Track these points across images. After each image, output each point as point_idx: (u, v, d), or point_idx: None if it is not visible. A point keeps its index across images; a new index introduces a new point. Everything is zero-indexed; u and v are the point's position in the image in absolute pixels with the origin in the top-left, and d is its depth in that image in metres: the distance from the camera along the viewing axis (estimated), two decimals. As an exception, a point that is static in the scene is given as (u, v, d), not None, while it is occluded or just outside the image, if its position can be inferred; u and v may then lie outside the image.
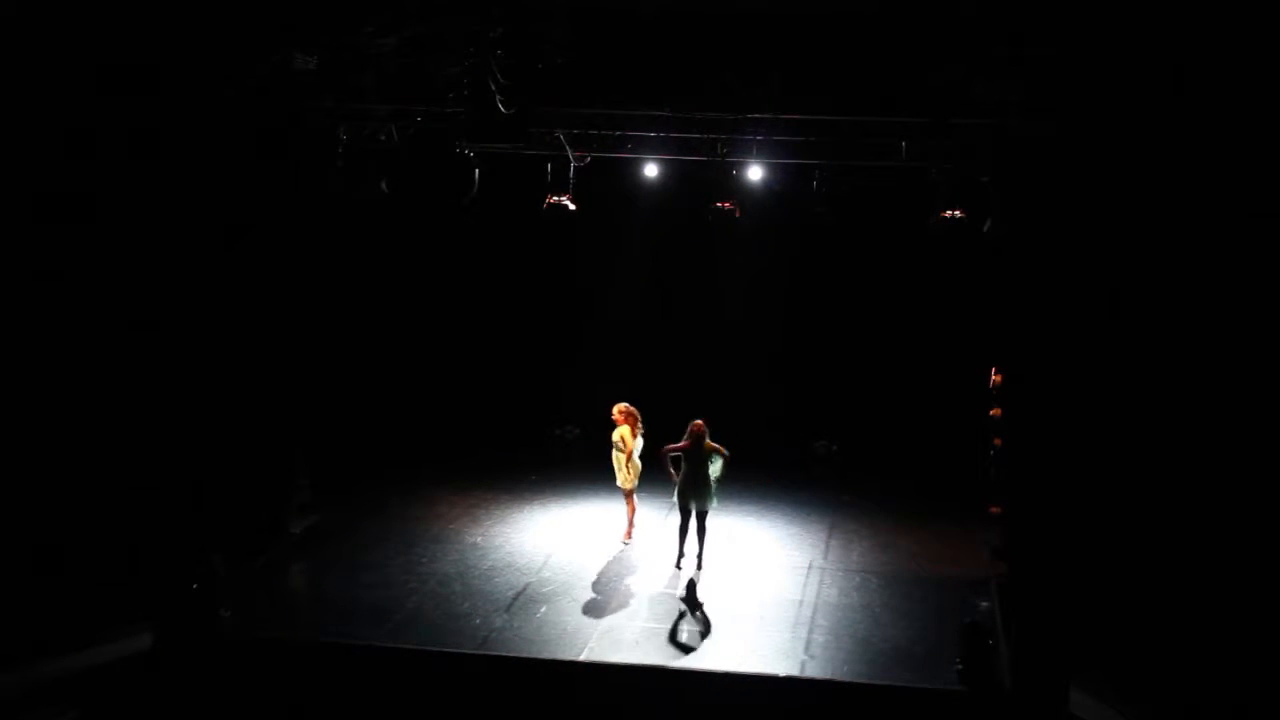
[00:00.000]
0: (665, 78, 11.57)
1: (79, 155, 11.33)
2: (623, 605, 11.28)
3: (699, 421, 11.98)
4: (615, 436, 12.55)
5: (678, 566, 12.14)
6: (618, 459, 12.57)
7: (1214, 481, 10.54)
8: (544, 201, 13.05)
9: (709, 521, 12.18)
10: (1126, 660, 10.05)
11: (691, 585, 11.78)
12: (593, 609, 11.15)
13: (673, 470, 11.94)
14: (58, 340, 11.46)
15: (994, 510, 13.11)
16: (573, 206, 13.01)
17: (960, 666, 9.72)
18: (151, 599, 10.51)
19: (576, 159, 12.96)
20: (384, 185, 12.57)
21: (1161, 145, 10.62)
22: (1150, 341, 10.91)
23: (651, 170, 13.37)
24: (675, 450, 11.89)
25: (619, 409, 12.62)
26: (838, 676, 9.88)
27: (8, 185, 11.17)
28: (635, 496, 12.81)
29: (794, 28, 11.31)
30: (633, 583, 11.84)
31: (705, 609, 11.25)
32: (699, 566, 12.15)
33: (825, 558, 12.63)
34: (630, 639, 10.55)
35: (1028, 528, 11.41)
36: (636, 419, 12.58)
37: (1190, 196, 10.65)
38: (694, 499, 11.94)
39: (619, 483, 12.67)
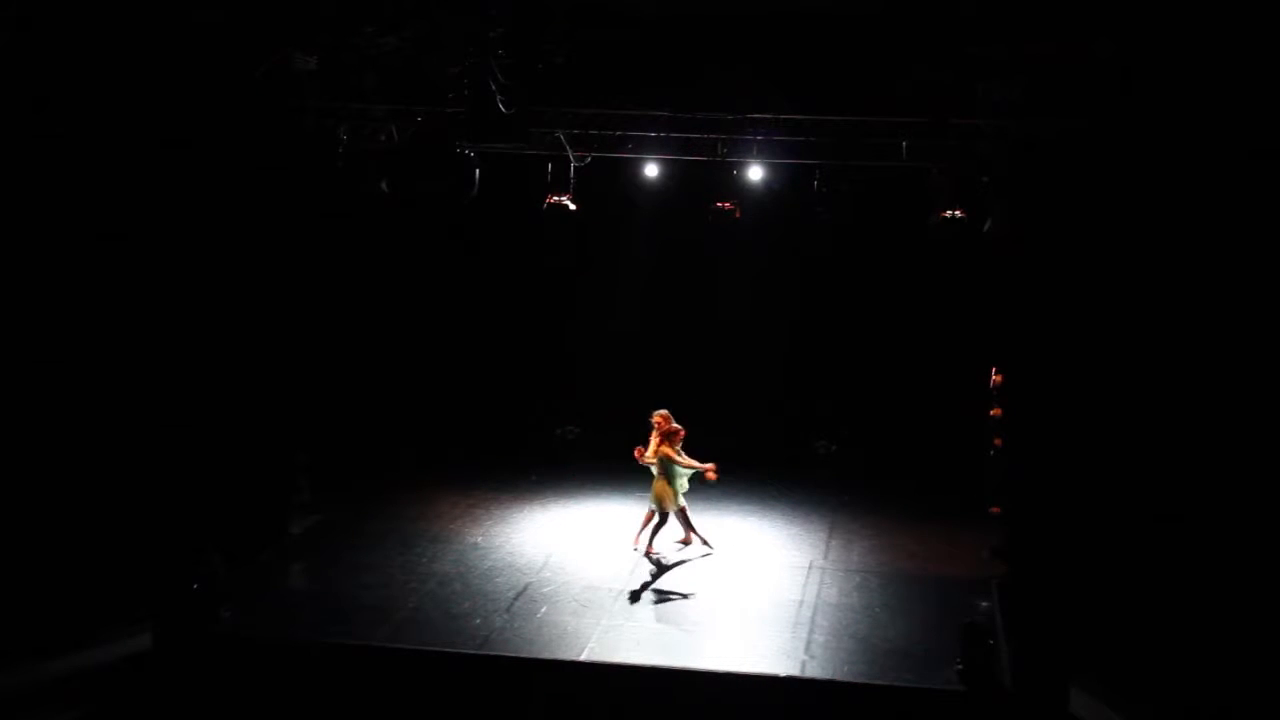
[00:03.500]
0: (665, 78, 11.60)
1: (79, 155, 11.34)
2: (623, 605, 11.28)
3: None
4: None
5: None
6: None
7: (1214, 482, 10.54)
8: (544, 201, 13.06)
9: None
10: (1126, 660, 10.04)
11: (692, 585, 11.80)
12: (593, 609, 11.14)
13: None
14: (57, 341, 11.46)
15: (994, 510, 13.14)
16: (573, 206, 13.02)
17: (960, 666, 9.71)
18: (151, 599, 10.51)
19: (576, 159, 12.97)
20: (384, 185, 12.57)
21: (1162, 144, 10.63)
22: (1151, 342, 10.92)
23: (651, 170, 13.38)
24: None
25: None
26: (838, 676, 9.86)
27: (21, 186, 11.20)
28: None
29: (794, 28, 11.34)
30: (633, 583, 11.84)
31: (705, 609, 11.25)
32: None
33: (825, 558, 12.63)
34: (630, 639, 10.54)
35: (1028, 528, 11.43)
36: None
37: (1192, 195, 10.65)
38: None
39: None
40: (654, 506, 12.30)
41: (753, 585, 11.81)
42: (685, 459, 12.15)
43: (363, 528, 13.29)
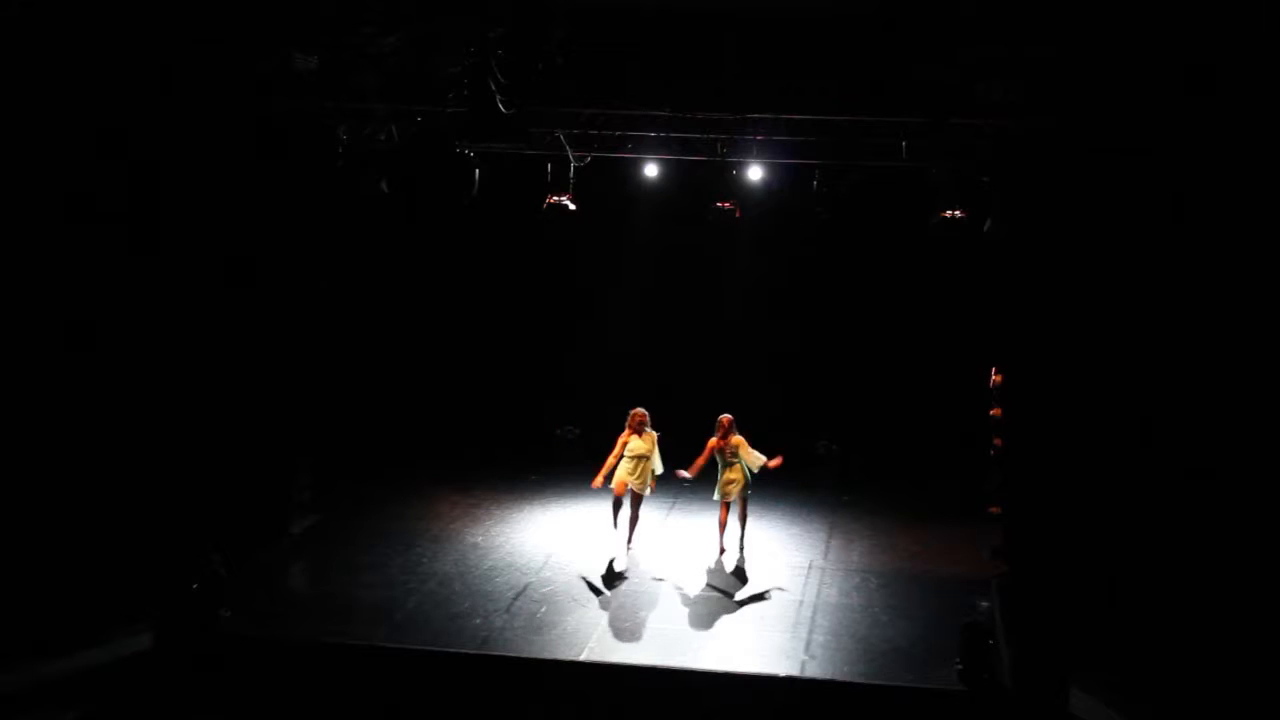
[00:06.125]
0: (665, 77, 11.59)
1: (81, 156, 11.34)
2: (623, 605, 11.28)
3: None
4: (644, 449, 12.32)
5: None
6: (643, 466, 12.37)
7: (1214, 481, 10.54)
8: (544, 201, 13.06)
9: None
10: (1126, 660, 10.04)
11: (692, 584, 11.80)
12: (593, 609, 11.15)
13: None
14: (57, 341, 11.45)
15: (994, 510, 13.13)
16: (573, 206, 13.02)
17: (960, 666, 9.72)
18: (151, 599, 10.51)
19: (576, 159, 12.97)
20: (384, 185, 12.57)
21: (1161, 144, 10.62)
22: (1150, 341, 10.91)
23: (651, 170, 13.38)
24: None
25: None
26: (838, 676, 9.88)
27: (23, 186, 11.19)
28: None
29: (794, 28, 11.32)
30: (633, 583, 11.85)
31: (705, 609, 11.26)
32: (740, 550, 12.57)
33: (825, 558, 12.63)
34: (630, 639, 10.56)
35: (1028, 528, 11.42)
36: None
37: (1191, 195, 10.65)
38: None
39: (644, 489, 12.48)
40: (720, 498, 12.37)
41: (753, 585, 11.82)
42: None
43: (363, 528, 13.30)
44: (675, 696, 9.83)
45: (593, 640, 10.45)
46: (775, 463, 12.27)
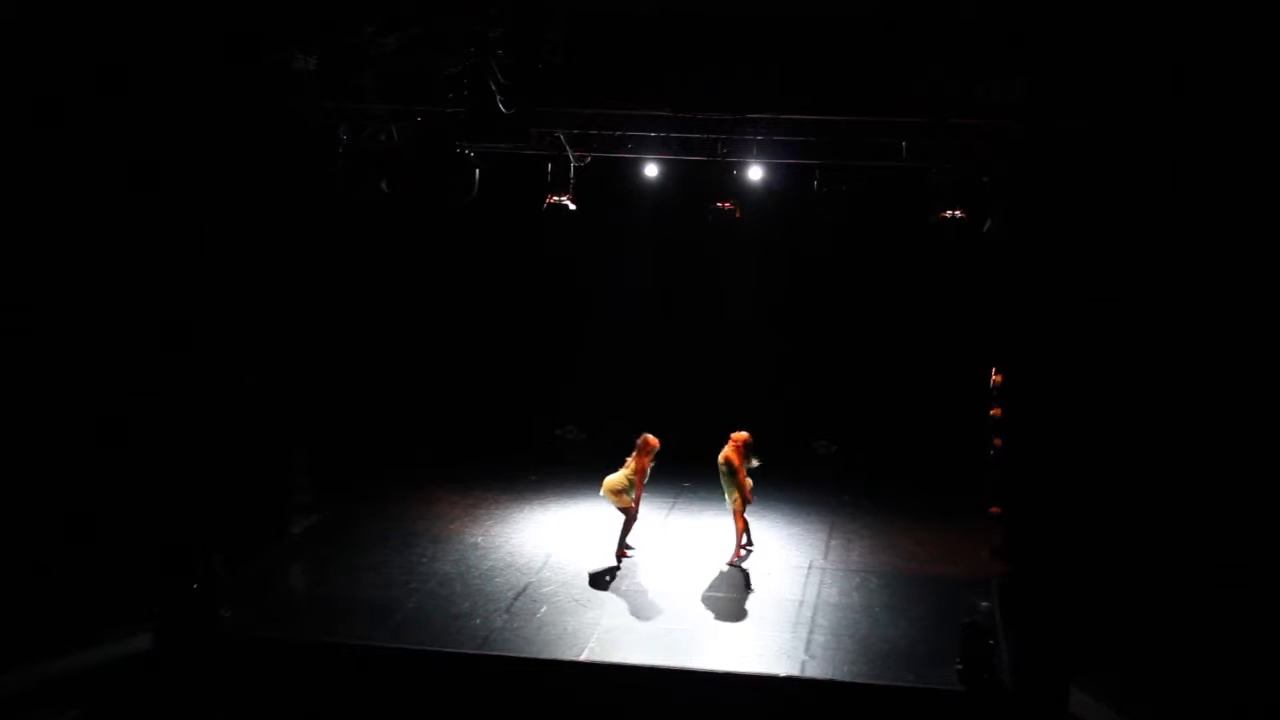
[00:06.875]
0: (665, 78, 11.60)
1: (77, 154, 11.35)
2: (623, 605, 11.28)
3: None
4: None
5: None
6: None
7: (1214, 481, 10.54)
8: (544, 201, 13.06)
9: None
10: (1126, 660, 10.04)
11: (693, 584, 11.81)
12: (593, 609, 11.15)
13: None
14: (57, 341, 11.46)
15: (994, 510, 13.14)
16: (573, 206, 13.02)
17: (960, 666, 9.72)
18: (151, 599, 10.51)
19: (576, 159, 12.97)
20: (384, 185, 12.57)
21: (1161, 145, 10.63)
22: (1151, 341, 10.91)
23: (651, 170, 13.38)
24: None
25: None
26: (838, 676, 9.87)
27: (15, 184, 11.21)
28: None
29: (794, 28, 11.33)
30: (633, 583, 11.84)
31: (705, 609, 11.25)
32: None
33: (825, 558, 12.63)
34: (630, 639, 10.55)
35: (1028, 528, 11.42)
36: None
37: (1190, 196, 10.65)
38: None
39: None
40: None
41: (753, 585, 11.82)
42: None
43: (363, 528, 13.30)
44: (675, 696, 9.83)
45: (593, 640, 10.44)
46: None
